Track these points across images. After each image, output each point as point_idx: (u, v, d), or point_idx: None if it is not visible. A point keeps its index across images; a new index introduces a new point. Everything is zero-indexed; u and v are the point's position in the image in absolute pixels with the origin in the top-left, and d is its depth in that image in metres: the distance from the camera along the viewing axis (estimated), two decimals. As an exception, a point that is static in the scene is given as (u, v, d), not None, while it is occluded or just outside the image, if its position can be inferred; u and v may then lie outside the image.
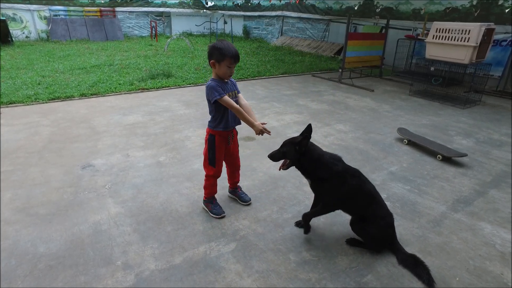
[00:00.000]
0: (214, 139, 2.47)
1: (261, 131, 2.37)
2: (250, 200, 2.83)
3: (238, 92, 2.52)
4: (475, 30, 5.37)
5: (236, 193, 2.87)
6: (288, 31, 13.29)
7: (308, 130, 2.14)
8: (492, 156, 3.90)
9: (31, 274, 2.01)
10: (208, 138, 2.50)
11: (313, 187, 2.32)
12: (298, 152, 2.18)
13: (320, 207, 2.34)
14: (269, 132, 2.39)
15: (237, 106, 2.35)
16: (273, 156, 2.29)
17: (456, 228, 2.57)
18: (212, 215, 2.63)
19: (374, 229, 2.21)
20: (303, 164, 2.22)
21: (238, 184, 2.90)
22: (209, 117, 2.50)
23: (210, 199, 2.70)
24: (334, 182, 2.19)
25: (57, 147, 3.72)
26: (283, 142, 2.27)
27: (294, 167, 2.29)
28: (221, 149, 2.52)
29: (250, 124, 2.37)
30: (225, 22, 13.32)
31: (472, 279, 2.09)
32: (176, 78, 6.98)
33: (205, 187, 2.68)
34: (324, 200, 2.32)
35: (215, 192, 2.72)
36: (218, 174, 2.62)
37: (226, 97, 2.31)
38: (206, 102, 2.45)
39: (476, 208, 2.85)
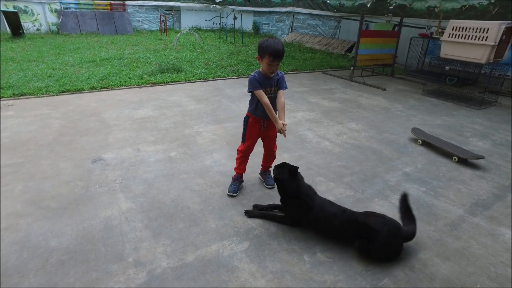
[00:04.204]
0: (248, 119, 2.74)
1: (279, 130, 2.52)
2: (274, 184, 2.94)
3: (280, 89, 2.62)
4: (494, 28, 5.21)
5: (264, 175, 3.06)
6: (298, 28, 13.15)
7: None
8: (509, 158, 3.79)
9: (43, 268, 1.98)
10: (244, 117, 2.78)
11: (282, 205, 2.52)
12: (289, 172, 2.39)
13: (282, 218, 2.51)
14: (285, 134, 2.53)
15: (267, 101, 2.50)
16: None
17: (475, 233, 2.49)
18: (227, 191, 2.84)
19: (376, 247, 2.12)
20: (288, 184, 2.38)
21: (269, 169, 3.04)
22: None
23: (235, 177, 2.90)
24: (302, 204, 2.35)
25: (67, 140, 3.70)
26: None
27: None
28: (253, 129, 2.74)
29: (274, 120, 2.55)
30: (235, 18, 13.19)
31: (495, 286, 2.01)
32: (186, 73, 6.93)
33: (236, 160, 2.91)
34: (288, 216, 2.48)
35: (243, 171, 2.91)
36: (246, 152, 2.84)
37: (260, 91, 2.50)
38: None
39: (495, 212, 2.77)
